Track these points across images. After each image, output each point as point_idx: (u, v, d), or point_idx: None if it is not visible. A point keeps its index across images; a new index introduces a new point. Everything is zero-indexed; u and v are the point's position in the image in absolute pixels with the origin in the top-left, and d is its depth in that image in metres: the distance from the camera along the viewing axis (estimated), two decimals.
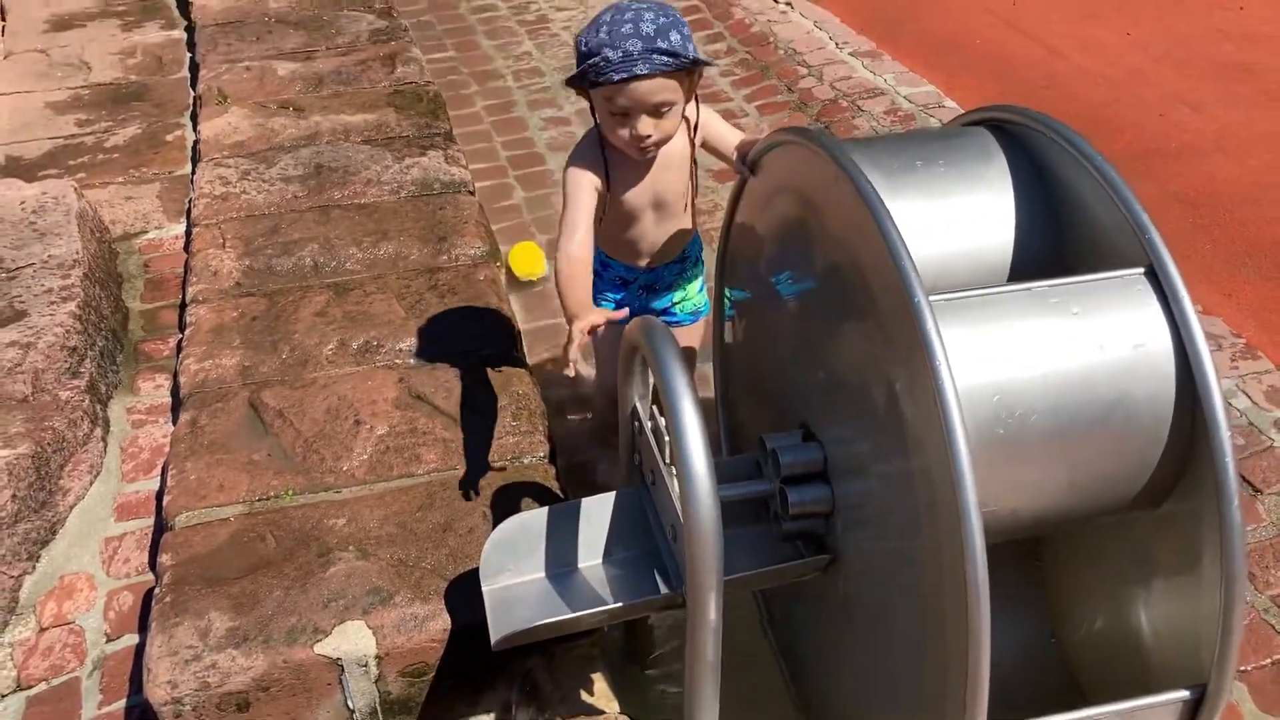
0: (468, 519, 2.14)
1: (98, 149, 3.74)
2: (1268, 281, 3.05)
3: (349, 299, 2.78)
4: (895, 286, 1.42)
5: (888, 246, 1.44)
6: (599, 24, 2.00)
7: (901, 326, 1.43)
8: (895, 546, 1.58)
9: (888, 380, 1.51)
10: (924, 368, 1.36)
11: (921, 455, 1.43)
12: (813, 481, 1.77)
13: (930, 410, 1.36)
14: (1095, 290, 1.54)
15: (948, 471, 1.34)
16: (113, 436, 2.58)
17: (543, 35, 4.88)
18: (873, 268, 1.51)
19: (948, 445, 1.34)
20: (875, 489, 1.63)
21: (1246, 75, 4.21)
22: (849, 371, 1.67)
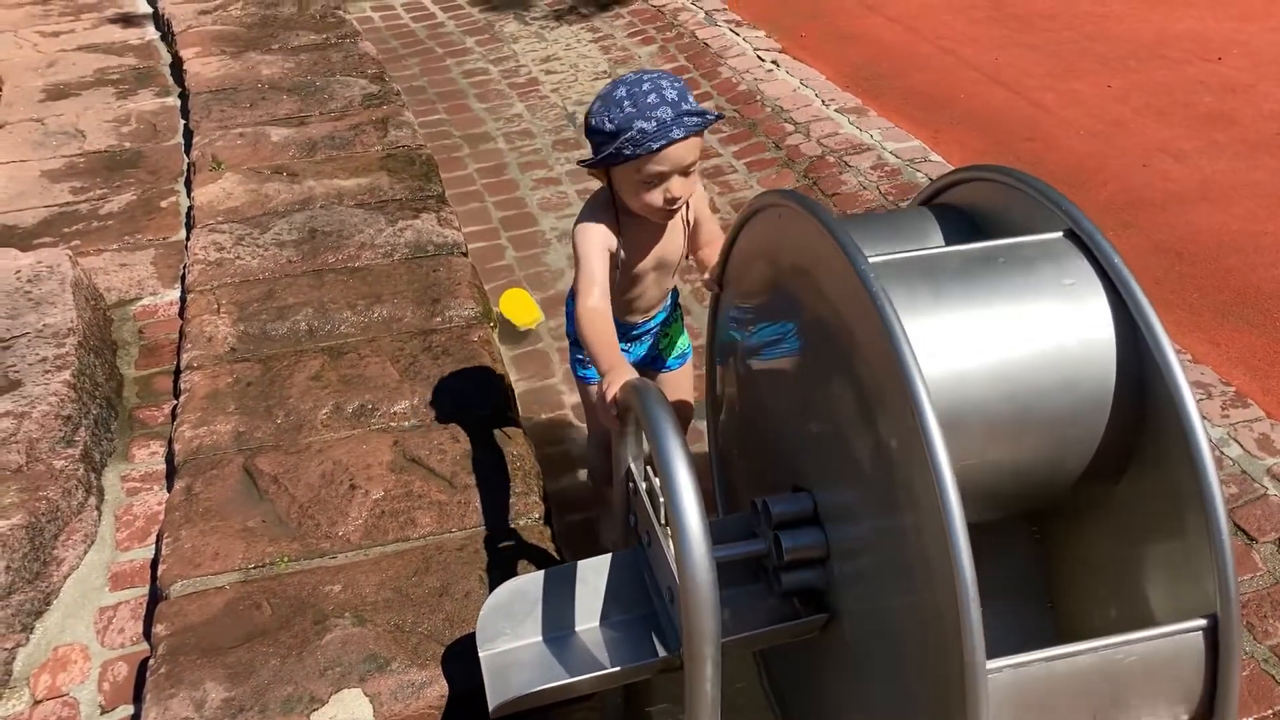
0: (464, 583, 2.14)
1: (92, 216, 3.77)
2: (1255, 330, 3.07)
3: (343, 363, 2.79)
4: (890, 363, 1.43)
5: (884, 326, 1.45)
6: (617, 101, 2.02)
7: (893, 394, 1.44)
8: (892, 602, 1.58)
9: (877, 439, 1.52)
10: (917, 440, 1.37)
11: (915, 512, 1.44)
12: (805, 526, 1.78)
13: (922, 468, 1.37)
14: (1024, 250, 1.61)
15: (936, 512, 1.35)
16: (107, 505, 2.58)
17: (533, 98, 4.94)
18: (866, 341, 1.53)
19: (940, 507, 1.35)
20: (869, 545, 1.63)
21: (1227, 124, 4.27)
22: (841, 433, 1.68)
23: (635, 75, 2.08)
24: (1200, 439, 1.45)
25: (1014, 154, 4.09)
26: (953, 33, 5.24)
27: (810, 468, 1.82)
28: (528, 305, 3.48)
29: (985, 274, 1.60)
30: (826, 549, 1.75)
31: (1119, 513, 1.66)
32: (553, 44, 5.48)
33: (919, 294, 1.58)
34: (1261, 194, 3.76)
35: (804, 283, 1.77)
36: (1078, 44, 5.08)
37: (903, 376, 1.40)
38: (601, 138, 2.06)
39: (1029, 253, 1.62)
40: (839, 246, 1.55)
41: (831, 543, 1.75)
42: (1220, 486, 1.43)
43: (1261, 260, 3.38)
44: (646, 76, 2.07)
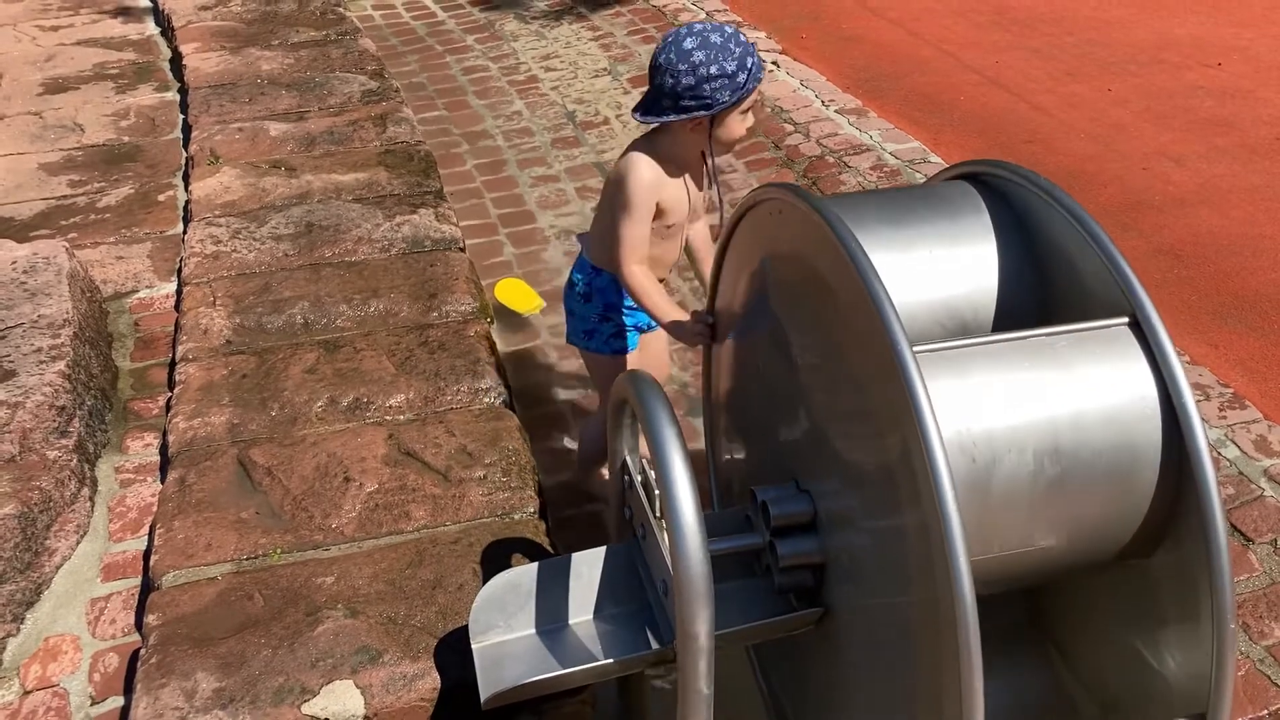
0: (457, 575, 2.13)
1: (90, 209, 3.76)
2: (1253, 332, 3.07)
3: (339, 356, 2.78)
4: (882, 343, 1.43)
5: (874, 304, 1.45)
6: (720, 46, 2.18)
7: (889, 381, 1.43)
8: (887, 600, 1.57)
9: (877, 435, 1.51)
10: (912, 423, 1.37)
11: (916, 510, 1.43)
12: (803, 533, 1.77)
13: (919, 465, 1.37)
14: (1082, 340, 1.55)
15: (938, 526, 1.34)
16: (100, 496, 2.57)
17: (533, 95, 4.94)
18: (859, 323, 1.52)
19: (938, 503, 1.34)
20: (866, 543, 1.62)
21: (1227, 129, 4.27)
22: (838, 425, 1.67)
23: (700, 26, 2.23)
24: (1220, 536, 1.45)
25: (1014, 156, 4.08)
26: (954, 36, 5.24)
27: (809, 462, 1.81)
28: (526, 292, 3.51)
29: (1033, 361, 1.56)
30: (824, 552, 1.74)
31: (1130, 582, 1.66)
32: (552, 42, 5.48)
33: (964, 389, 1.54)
34: (1260, 198, 3.75)
35: (806, 277, 1.76)
36: (1078, 48, 5.08)
37: (900, 367, 1.39)
38: (719, 82, 2.18)
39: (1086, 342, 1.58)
40: (834, 234, 1.55)
41: (827, 541, 1.74)
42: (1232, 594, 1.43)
43: (1260, 264, 3.38)
44: (705, 25, 2.23)
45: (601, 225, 2.44)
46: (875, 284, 1.46)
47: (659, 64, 2.20)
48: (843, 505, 1.69)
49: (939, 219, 1.81)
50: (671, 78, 2.18)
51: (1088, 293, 1.63)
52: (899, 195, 1.98)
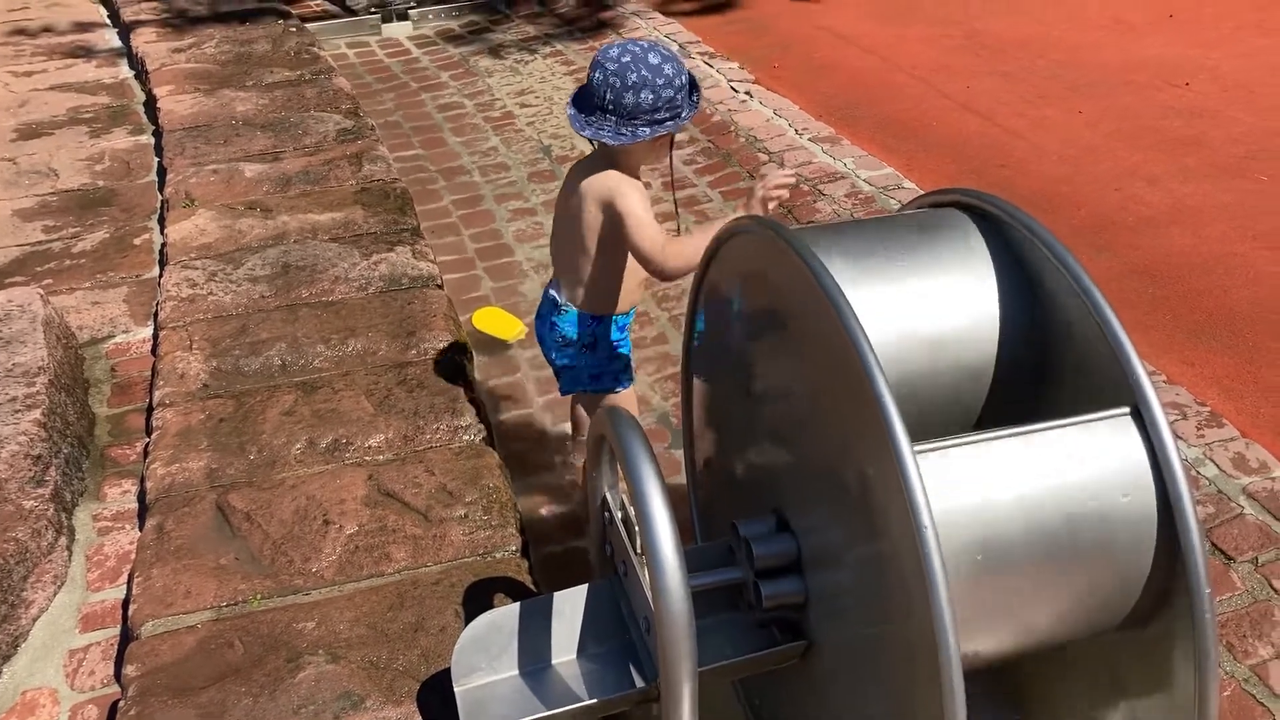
0: (439, 618, 2.11)
1: (65, 255, 3.74)
2: (1228, 350, 3.09)
3: (317, 397, 2.77)
4: (863, 388, 1.42)
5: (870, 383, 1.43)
6: (668, 59, 2.28)
7: (869, 426, 1.43)
8: (870, 631, 1.57)
9: (856, 466, 1.51)
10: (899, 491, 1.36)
11: (890, 539, 1.43)
12: (786, 573, 1.76)
13: (902, 515, 1.36)
14: (1080, 433, 1.52)
15: (915, 554, 1.34)
16: (78, 545, 2.54)
17: (508, 130, 4.96)
18: (839, 365, 1.52)
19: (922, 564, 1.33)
20: (847, 574, 1.62)
21: (1196, 148, 4.31)
22: (817, 457, 1.67)
23: (638, 43, 2.31)
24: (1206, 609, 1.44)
25: (987, 180, 4.12)
26: (925, 62, 5.29)
27: (790, 493, 1.80)
28: (506, 319, 3.53)
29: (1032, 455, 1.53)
30: (805, 592, 1.74)
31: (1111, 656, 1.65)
32: (527, 77, 5.51)
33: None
34: (1231, 216, 3.79)
35: (782, 309, 1.77)
36: (1049, 72, 5.13)
37: (875, 396, 1.39)
38: (684, 92, 2.31)
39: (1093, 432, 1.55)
40: (810, 271, 1.55)
41: (810, 574, 1.73)
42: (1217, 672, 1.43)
43: (1233, 281, 3.41)
44: (640, 42, 2.33)
45: (587, 269, 2.45)
46: (855, 329, 1.46)
47: (633, 81, 2.24)
48: (824, 537, 1.69)
49: (920, 249, 1.81)
50: (651, 92, 2.24)
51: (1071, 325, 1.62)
52: (876, 225, 1.98)
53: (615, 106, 2.26)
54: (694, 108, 2.35)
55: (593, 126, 2.30)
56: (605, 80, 2.26)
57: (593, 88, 2.29)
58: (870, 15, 6.00)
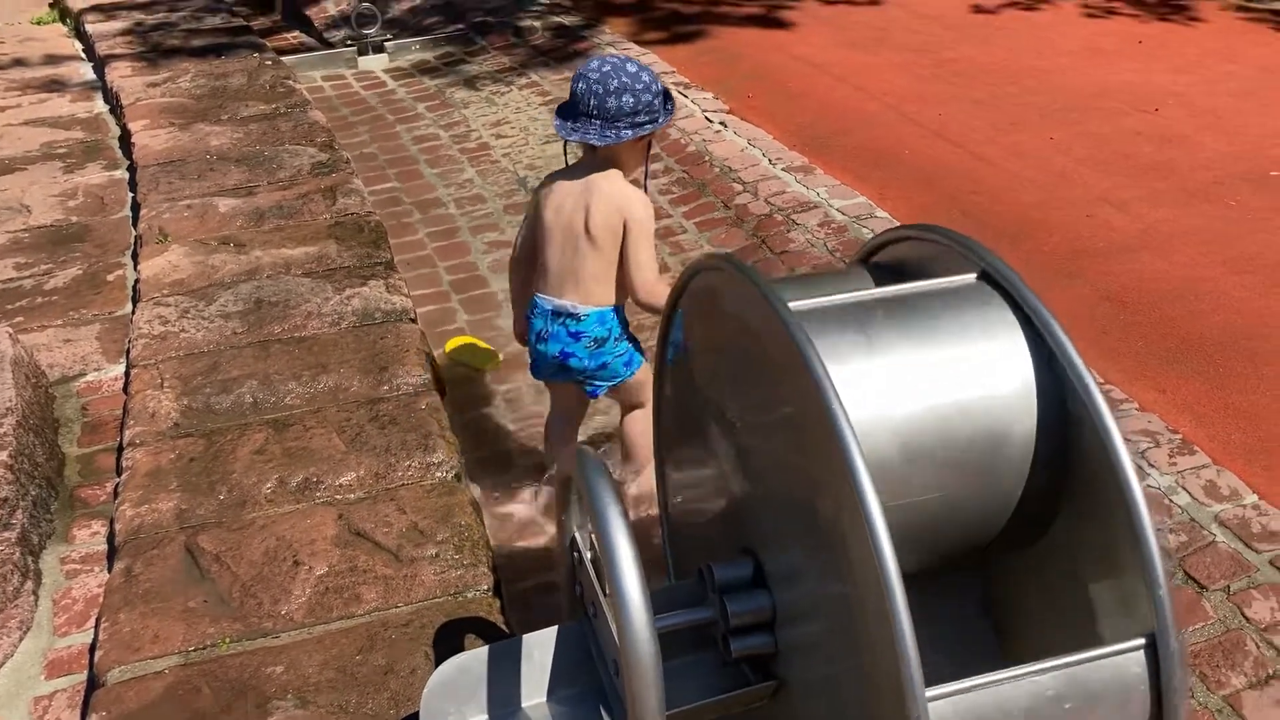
0: (410, 659, 2.09)
1: (37, 292, 3.72)
2: (1199, 376, 3.10)
3: (288, 435, 2.75)
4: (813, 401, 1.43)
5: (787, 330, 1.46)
6: (647, 70, 2.52)
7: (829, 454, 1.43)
8: (838, 670, 1.56)
9: (817, 498, 1.51)
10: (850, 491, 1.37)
11: (855, 583, 1.42)
12: (756, 607, 1.75)
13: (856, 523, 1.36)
14: (941, 298, 1.60)
15: (879, 591, 1.34)
16: (45, 589, 2.51)
17: (484, 162, 4.96)
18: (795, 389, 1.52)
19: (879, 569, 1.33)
20: (815, 612, 1.61)
21: (1166, 174, 4.35)
22: (787, 492, 1.67)
23: (613, 57, 2.55)
24: (1129, 474, 1.44)
25: (960, 207, 4.14)
26: (897, 90, 5.33)
27: (754, 528, 1.80)
28: (481, 348, 3.53)
29: (911, 318, 1.60)
30: (773, 611, 1.73)
31: (1059, 556, 1.65)
32: (503, 108, 5.52)
33: (847, 340, 1.58)
34: (1201, 241, 3.82)
35: (741, 341, 1.77)
36: (1020, 98, 5.18)
37: (837, 439, 1.39)
38: (660, 98, 2.52)
39: (950, 297, 1.62)
40: (766, 301, 1.55)
41: (778, 605, 1.73)
42: (1151, 518, 1.43)
43: (1203, 307, 3.43)
44: (617, 55, 2.58)
45: (601, 266, 2.59)
46: (809, 352, 1.47)
47: (614, 87, 2.46)
48: (794, 575, 1.68)
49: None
50: (632, 96, 2.47)
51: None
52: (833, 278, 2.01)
53: (599, 111, 2.47)
54: (669, 114, 2.58)
55: (579, 131, 2.50)
56: (589, 88, 2.47)
57: (577, 96, 2.50)
58: (842, 44, 6.05)
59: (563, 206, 2.59)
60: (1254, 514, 2.56)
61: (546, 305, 2.66)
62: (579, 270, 2.59)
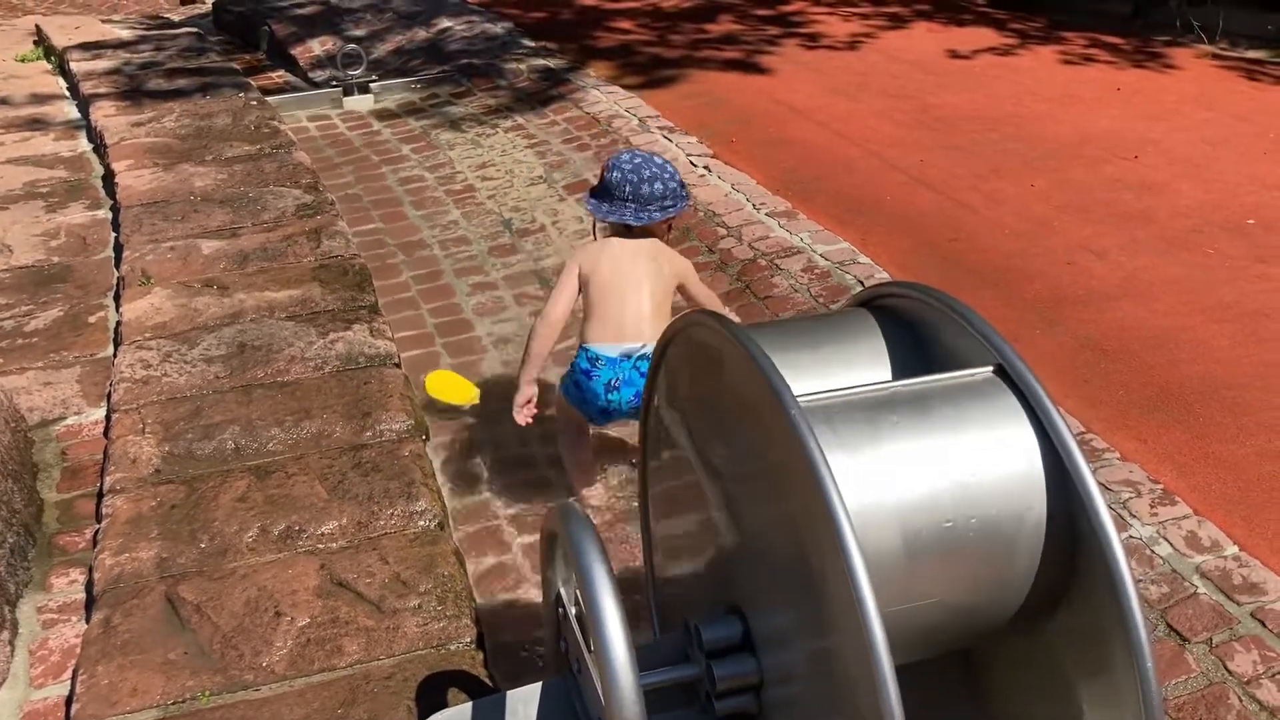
0: (392, 714, 2.08)
1: (17, 333, 3.70)
2: (1180, 425, 3.13)
3: (270, 482, 2.74)
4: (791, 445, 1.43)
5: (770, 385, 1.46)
6: (668, 162, 3.01)
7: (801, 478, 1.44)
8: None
9: (800, 550, 1.51)
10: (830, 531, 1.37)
11: (838, 633, 1.42)
12: (740, 658, 1.75)
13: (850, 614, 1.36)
14: (954, 391, 1.58)
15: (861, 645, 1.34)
16: (21, 639, 2.48)
17: (469, 204, 4.98)
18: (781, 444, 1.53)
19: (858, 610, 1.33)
20: (800, 667, 1.61)
21: (1145, 222, 4.40)
22: (771, 545, 1.67)
23: (639, 151, 3.06)
24: (1125, 575, 1.45)
25: (940, 254, 4.18)
26: (879, 136, 5.38)
27: (743, 587, 1.80)
28: (460, 383, 3.52)
29: (916, 409, 1.59)
30: (760, 675, 1.73)
31: (1048, 648, 1.65)
32: (489, 150, 5.55)
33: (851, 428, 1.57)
34: (1180, 290, 3.86)
35: (735, 406, 1.77)
36: (1000, 145, 5.23)
37: (831, 519, 1.39)
38: (680, 185, 2.98)
39: (958, 390, 1.62)
40: (767, 383, 1.56)
41: (765, 668, 1.72)
42: (1146, 624, 1.43)
43: (1183, 356, 3.46)
44: (641, 151, 3.12)
45: (656, 310, 2.91)
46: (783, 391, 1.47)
47: (647, 176, 2.90)
48: (775, 629, 1.68)
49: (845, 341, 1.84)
50: (661, 184, 2.91)
51: None
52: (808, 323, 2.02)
53: (634, 196, 2.90)
54: (686, 200, 3.03)
55: (615, 212, 2.92)
56: (625, 177, 2.90)
57: (612, 184, 2.92)
58: (825, 89, 6.11)
59: (619, 269, 2.90)
60: (1235, 565, 2.57)
61: (612, 353, 2.85)
62: (643, 315, 2.88)
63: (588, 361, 2.87)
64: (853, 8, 8.10)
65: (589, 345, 2.89)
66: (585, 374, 2.88)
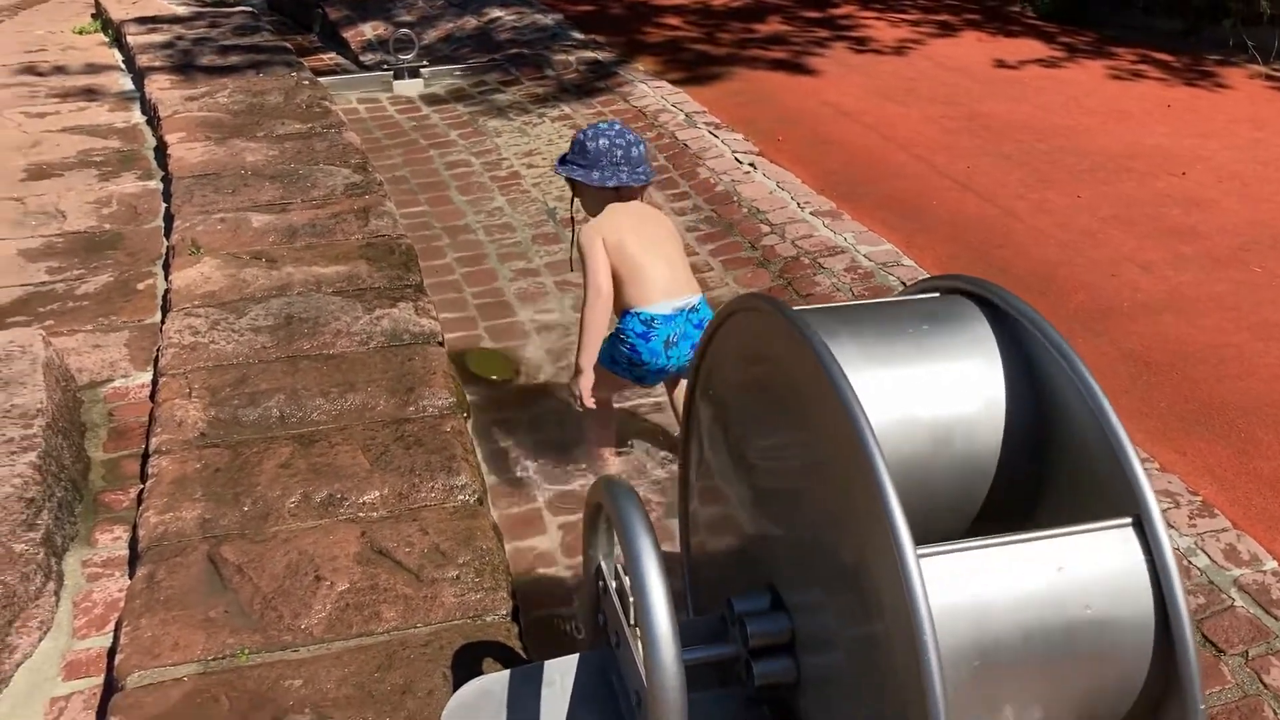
0: (427, 680, 2.10)
1: (68, 296, 3.76)
2: (1221, 440, 3.11)
3: (314, 450, 2.77)
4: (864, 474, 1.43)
5: (849, 417, 1.46)
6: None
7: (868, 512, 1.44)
8: (861, 713, 1.56)
9: (849, 545, 1.52)
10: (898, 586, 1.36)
11: (885, 623, 1.43)
12: (779, 653, 1.76)
13: (894, 577, 1.37)
14: (1080, 544, 1.52)
15: (909, 636, 1.34)
16: (66, 590, 2.53)
17: (514, 191, 5.01)
18: (835, 441, 1.53)
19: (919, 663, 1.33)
20: (840, 653, 1.62)
21: (1192, 237, 4.37)
22: (815, 535, 1.67)
23: (605, 122, 3.05)
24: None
25: (985, 261, 4.17)
26: (926, 141, 5.37)
27: (784, 568, 1.81)
28: (501, 360, 3.62)
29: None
30: (797, 671, 1.73)
31: None
32: (535, 139, 5.58)
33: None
34: (1226, 307, 3.83)
35: (782, 387, 1.78)
36: (1048, 155, 5.21)
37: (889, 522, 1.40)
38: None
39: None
40: (811, 348, 1.57)
41: (802, 651, 1.73)
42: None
43: (1227, 372, 3.44)
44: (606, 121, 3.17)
45: (686, 261, 3.04)
46: (855, 408, 1.48)
47: (631, 140, 2.95)
48: (818, 615, 1.69)
49: (926, 336, 1.83)
50: (640, 149, 2.96)
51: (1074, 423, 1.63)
52: (879, 309, 2.01)
53: (625, 159, 2.93)
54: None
55: (613, 176, 2.93)
56: (612, 143, 2.92)
57: (600, 151, 2.92)
58: (873, 93, 6.10)
59: (641, 231, 2.93)
60: (1274, 580, 2.55)
61: (666, 310, 2.88)
62: (681, 270, 2.96)
63: (642, 324, 2.87)
64: (901, 14, 8.08)
65: (639, 309, 2.88)
66: (642, 337, 2.88)
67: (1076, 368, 1.60)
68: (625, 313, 2.91)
